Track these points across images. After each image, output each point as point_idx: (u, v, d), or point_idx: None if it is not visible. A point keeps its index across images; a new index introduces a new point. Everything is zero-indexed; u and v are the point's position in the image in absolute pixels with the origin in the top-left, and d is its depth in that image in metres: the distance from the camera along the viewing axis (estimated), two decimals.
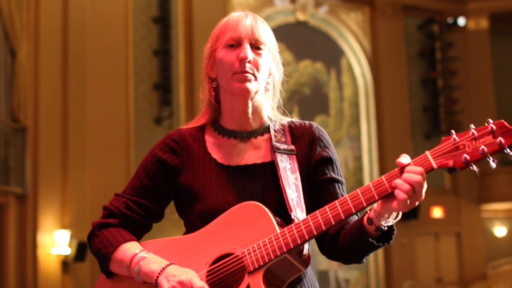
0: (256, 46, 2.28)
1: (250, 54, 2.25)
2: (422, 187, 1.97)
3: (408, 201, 1.97)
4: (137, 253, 2.20)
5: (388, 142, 17.48)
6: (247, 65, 2.24)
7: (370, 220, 2.09)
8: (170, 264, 2.15)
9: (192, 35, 14.76)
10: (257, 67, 2.26)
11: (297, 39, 16.90)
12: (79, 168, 13.08)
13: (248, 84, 2.25)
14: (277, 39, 2.41)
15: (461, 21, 18.96)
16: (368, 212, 2.12)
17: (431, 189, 2.03)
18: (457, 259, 18.58)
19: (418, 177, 1.96)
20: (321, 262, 16.22)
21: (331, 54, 17.73)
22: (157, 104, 14.52)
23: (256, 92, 2.29)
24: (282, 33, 17.09)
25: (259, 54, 2.28)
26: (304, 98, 17.19)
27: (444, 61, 18.74)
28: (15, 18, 12.33)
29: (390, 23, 18.10)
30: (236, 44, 2.27)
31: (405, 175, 1.97)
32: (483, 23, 19.41)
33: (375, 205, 2.07)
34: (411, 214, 16.69)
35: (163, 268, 2.13)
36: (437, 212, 18.22)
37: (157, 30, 14.74)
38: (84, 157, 13.23)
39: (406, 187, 1.96)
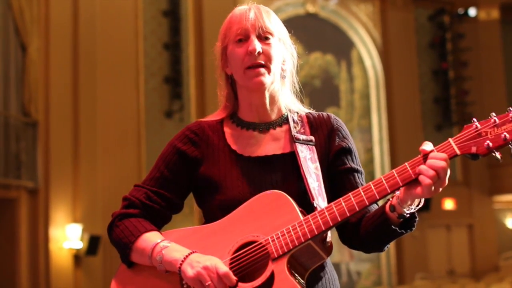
0: (264, 37, 2.28)
1: (258, 46, 2.25)
2: (446, 173, 2.00)
3: (433, 187, 2.00)
4: (158, 242, 2.20)
5: (399, 133, 17.46)
6: (257, 57, 2.25)
7: (392, 207, 2.11)
8: (193, 252, 2.16)
9: (202, 28, 14.75)
10: (268, 58, 2.26)
11: (307, 31, 16.86)
12: (90, 162, 13.11)
13: (262, 78, 2.25)
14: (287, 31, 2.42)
15: (472, 11, 18.91)
16: (390, 199, 2.14)
17: None
18: (469, 251, 18.55)
19: (443, 163, 1.99)
20: (333, 254, 15.93)
21: (342, 46, 17.70)
22: (167, 98, 14.54)
23: (272, 83, 2.30)
24: (292, 25, 16.99)
25: (268, 44, 2.28)
26: (314, 91, 17.16)
27: (455, 52, 18.68)
28: (25, 12, 12.36)
29: (400, 14, 18.05)
30: (244, 38, 2.28)
31: (429, 161, 2.00)
32: (494, 13, 19.33)
33: (397, 192, 2.09)
34: (423, 206, 16.57)
35: (186, 256, 2.14)
36: (448, 204, 18.20)
37: (167, 24, 14.74)
38: (95, 151, 13.25)
39: (431, 172, 1.98)
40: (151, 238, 2.23)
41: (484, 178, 18.59)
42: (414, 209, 2.12)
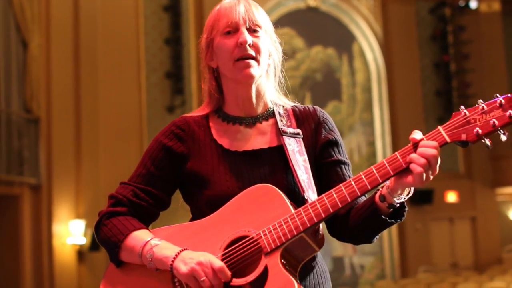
0: (253, 30, 2.27)
1: (248, 38, 2.24)
2: (437, 161, 2.00)
3: (424, 175, 1.99)
4: (148, 240, 2.18)
5: (401, 126, 17.45)
6: (248, 49, 2.24)
7: (382, 197, 2.11)
8: (184, 249, 2.14)
9: (203, 23, 14.66)
10: (257, 50, 2.26)
11: (308, 25, 16.85)
12: (92, 158, 13.12)
13: (251, 70, 2.24)
14: (288, 25, 2.41)
15: (473, 3, 18.89)
16: (380, 189, 2.13)
17: (445, 174, 2.04)
18: (472, 244, 18.55)
19: (433, 151, 1.99)
20: (336, 248, 16.25)
21: (343, 40, 17.69)
22: (169, 93, 14.54)
23: (260, 76, 2.29)
24: (293, 19, 17.14)
25: (257, 37, 2.27)
26: (316, 84, 17.16)
27: (456, 45, 18.65)
28: (26, 9, 12.35)
29: (401, 7, 18.02)
30: (233, 30, 2.26)
31: (420, 149, 2.00)
32: (495, 5, 19.29)
33: (387, 182, 2.08)
34: (426, 199, 16.67)
35: (178, 253, 2.12)
36: (451, 197, 18.18)
37: (168, 19, 14.73)
38: (97, 147, 13.26)
39: (422, 161, 1.98)
40: (141, 236, 2.21)
41: (487, 171, 18.57)
42: (404, 198, 2.10)
